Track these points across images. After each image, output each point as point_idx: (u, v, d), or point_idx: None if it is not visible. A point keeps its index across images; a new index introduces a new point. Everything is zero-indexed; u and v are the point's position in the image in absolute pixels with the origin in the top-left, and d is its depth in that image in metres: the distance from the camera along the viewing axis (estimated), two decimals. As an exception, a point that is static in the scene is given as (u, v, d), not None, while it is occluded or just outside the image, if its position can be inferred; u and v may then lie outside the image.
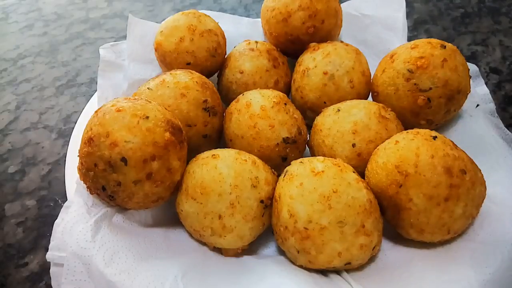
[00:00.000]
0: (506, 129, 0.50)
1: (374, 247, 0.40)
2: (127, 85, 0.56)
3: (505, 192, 0.43)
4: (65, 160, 0.51)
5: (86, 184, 0.41)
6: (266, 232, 0.44)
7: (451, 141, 0.41)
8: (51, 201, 0.57)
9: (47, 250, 0.38)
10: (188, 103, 0.47)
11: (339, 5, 0.61)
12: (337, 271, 0.41)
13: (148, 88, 0.48)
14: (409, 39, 0.61)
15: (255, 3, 0.93)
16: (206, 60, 0.55)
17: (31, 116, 0.70)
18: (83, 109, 0.59)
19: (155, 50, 0.57)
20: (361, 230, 0.38)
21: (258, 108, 0.47)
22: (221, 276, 0.40)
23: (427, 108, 0.48)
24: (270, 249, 0.45)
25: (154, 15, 0.93)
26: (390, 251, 0.43)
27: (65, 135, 0.66)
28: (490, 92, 0.55)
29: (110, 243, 0.38)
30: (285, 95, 0.51)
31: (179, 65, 0.55)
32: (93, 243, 0.38)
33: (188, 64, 0.55)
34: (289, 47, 0.60)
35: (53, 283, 0.38)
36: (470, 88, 0.49)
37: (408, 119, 0.49)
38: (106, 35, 0.88)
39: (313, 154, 0.51)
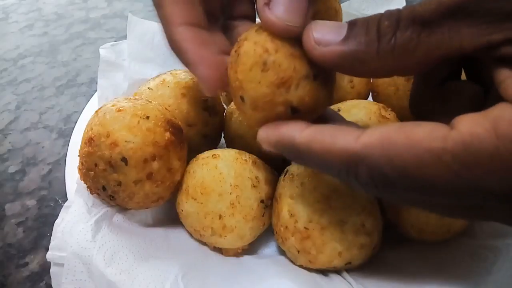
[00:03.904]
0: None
1: (374, 247, 0.40)
2: (127, 85, 0.56)
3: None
4: (65, 160, 0.51)
5: (86, 184, 0.41)
6: (266, 232, 0.44)
7: (451, 141, 0.41)
8: (51, 201, 0.57)
9: (47, 250, 0.38)
10: (188, 103, 0.47)
11: (339, 5, 0.61)
12: (337, 271, 0.41)
13: (148, 88, 0.48)
14: (409, 39, 0.61)
15: (255, 3, 0.92)
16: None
17: (31, 116, 0.70)
18: (83, 109, 0.59)
19: None
20: (361, 230, 0.38)
21: (259, 108, 0.47)
22: (221, 276, 0.40)
23: (427, 108, 0.48)
24: (270, 249, 0.45)
25: (154, 15, 0.92)
26: (390, 251, 0.43)
27: (65, 135, 0.66)
28: (490, 92, 0.55)
29: (110, 243, 0.38)
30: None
31: None
32: (93, 243, 0.38)
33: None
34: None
35: (53, 283, 0.38)
36: (470, 88, 0.49)
37: (408, 119, 0.49)
38: (106, 35, 0.88)
39: (313, 154, 0.50)
